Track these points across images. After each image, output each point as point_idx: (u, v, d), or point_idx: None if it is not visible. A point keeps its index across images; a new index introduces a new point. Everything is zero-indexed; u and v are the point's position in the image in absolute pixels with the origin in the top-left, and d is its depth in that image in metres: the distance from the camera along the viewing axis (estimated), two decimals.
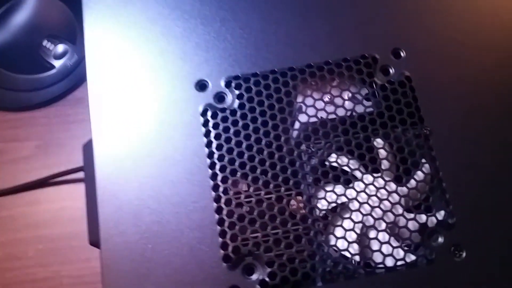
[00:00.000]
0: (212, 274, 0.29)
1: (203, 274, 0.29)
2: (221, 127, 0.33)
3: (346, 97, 0.34)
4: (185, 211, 0.31)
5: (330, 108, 0.34)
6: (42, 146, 0.54)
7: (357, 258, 0.30)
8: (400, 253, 0.30)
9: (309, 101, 0.34)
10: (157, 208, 0.31)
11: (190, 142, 0.32)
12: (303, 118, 0.34)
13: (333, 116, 0.33)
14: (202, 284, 0.29)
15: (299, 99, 0.34)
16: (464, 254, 0.29)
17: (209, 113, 0.33)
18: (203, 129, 0.33)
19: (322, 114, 0.34)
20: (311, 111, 0.33)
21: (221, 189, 0.31)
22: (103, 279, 0.29)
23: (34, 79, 0.57)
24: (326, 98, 0.34)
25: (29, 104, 0.56)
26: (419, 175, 0.32)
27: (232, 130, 0.32)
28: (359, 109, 0.34)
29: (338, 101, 0.34)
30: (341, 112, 0.33)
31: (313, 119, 0.33)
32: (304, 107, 0.34)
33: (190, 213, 0.30)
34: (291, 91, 0.34)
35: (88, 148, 0.34)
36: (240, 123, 0.33)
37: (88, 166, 0.34)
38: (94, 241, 0.32)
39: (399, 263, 0.30)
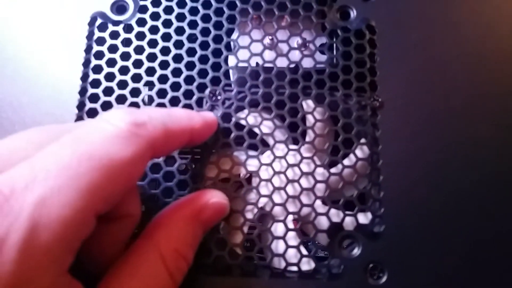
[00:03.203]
0: None
1: None
2: (107, 44, 0.24)
3: (294, 44, 0.26)
4: None
5: (270, 55, 0.25)
6: None
7: (237, 249, 0.22)
8: (296, 255, 0.22)
9: (245, 40, 0.25)
10: None
11: (67, 55, 0.25)
12: (231, 61, 0.25)
13: (270, 65, 0.25)
14: None
15: (234, 35, 0.26)
16: (384, 278, 0.21)
17: (97, 23, 0.25)
18: (86, 43, 0.25)
19: (256, 60, 0.25)
20: (242, 54, 0.25)
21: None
22: None
23: None
24: (268, 40, 0.26)
25: None
26: (351, 158, 0.23)
27: (119, 51, 0.24)
28: (308, 63, 0.25)
29: (282, 47, 0.26)
30: (282, 62, 0.25)
31: (243, 64, 0.25)
32: (235, 46, 0.25)
33: None
34: (222, 23, 0.25)
35: None
36: (133, 44, 0.24)
37: None
38: None
39: (291, 268, 0.22)
